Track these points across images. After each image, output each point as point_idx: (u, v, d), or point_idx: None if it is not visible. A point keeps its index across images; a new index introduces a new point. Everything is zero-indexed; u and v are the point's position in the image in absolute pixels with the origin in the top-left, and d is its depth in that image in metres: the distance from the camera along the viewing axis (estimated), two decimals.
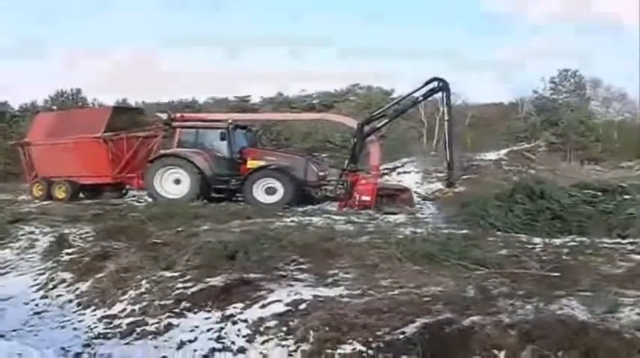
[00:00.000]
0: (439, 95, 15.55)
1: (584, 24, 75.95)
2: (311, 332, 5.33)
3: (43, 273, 8.63)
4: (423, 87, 15.32)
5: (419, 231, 9.97)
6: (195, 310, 6.36)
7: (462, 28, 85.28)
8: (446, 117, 15.74)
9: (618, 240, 8.74)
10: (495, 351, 4.61)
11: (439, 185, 17.68)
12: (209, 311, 6.30)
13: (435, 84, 15.15)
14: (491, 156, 21.31)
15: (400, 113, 17.77)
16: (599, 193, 11.93)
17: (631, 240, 8.59)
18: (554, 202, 9.49)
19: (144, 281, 7.21)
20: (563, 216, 9.33)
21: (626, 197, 11.78)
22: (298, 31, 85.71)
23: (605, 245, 8.34)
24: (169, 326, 6.13)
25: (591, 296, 5.71)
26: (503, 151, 21.96)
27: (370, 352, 4.91)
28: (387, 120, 16.00)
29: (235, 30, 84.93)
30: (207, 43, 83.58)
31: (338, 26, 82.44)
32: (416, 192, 16.49)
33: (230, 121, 16.84)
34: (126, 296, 7.02)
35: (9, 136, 32.29)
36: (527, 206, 9.79)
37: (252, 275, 6.97)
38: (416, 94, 15.62)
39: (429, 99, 16.86)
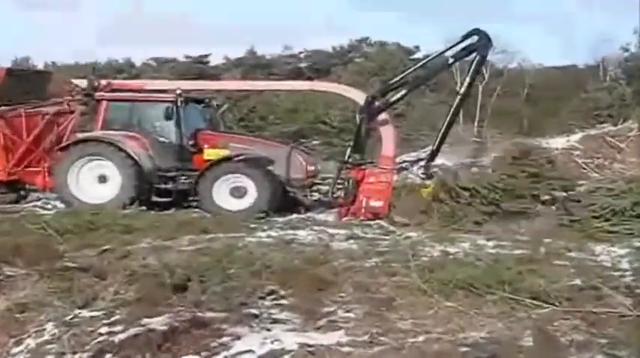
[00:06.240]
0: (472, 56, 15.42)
1: None
2: None
3: None
4: (458, 43, 15.30)
5: (452, 250, 9.99)
6: None
7: None
8: (461, 90, 15.61)
9: None
10: None
11: None
12: None
13: (474, 39, 15.14)
14: (559, 142, 21.27)
15: (425, 80, 17.67)
16: None
17: None
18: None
19: (50, 325, 7.14)
20: None
21: None
22: None
23: None
24: None
25: None
26: (576, 136, 21.92)
27: None
28: (405, 91, 15.89)
29: None
30: None
31: None
32: None
33: (179, 92, 16.74)
34: (22, 347, 6.95)
35: None
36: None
37: (210, 315, 6.99)
38: (447, 53, 15.53)
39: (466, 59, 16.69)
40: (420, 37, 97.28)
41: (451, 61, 15.75)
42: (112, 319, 7.08)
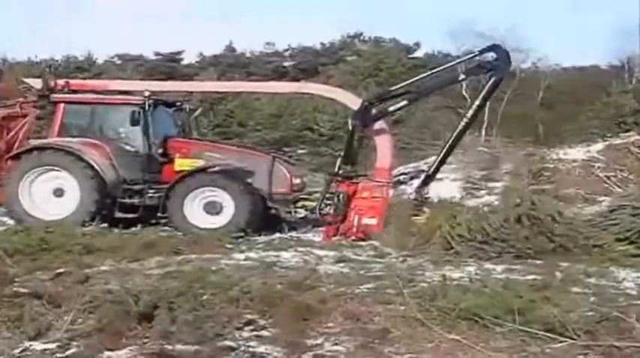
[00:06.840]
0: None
1: None
2: None
3: None
4: (473, 56, 15.58)
5: (455, 275, 10.01)
6: None
7: None
8: (469, 112, 15.37)
9: None
10: None
11: (491, 199, 17.64)
12: None
13: (491, 55, 15.19)
14: (578, 153, 21.35)
15: (429, 93, 17.81)
16: None
17: None
18: None
19: None
20: None
21: None
22: None
23: None
24: None
25: None
26: (598, 146, 21.98)
27: None
28: (407, 102, 15.95)
29: None
30: None
31: None
32: None
33: (147, 94, 16.73)
34: None
35: None
36: None
37: (180, 347, 6.97)
38: (459, 67, 15.71)
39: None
40: (420, 30, 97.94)
41: (462, 77, 15.82)
42: (69, 352, 7.04)
